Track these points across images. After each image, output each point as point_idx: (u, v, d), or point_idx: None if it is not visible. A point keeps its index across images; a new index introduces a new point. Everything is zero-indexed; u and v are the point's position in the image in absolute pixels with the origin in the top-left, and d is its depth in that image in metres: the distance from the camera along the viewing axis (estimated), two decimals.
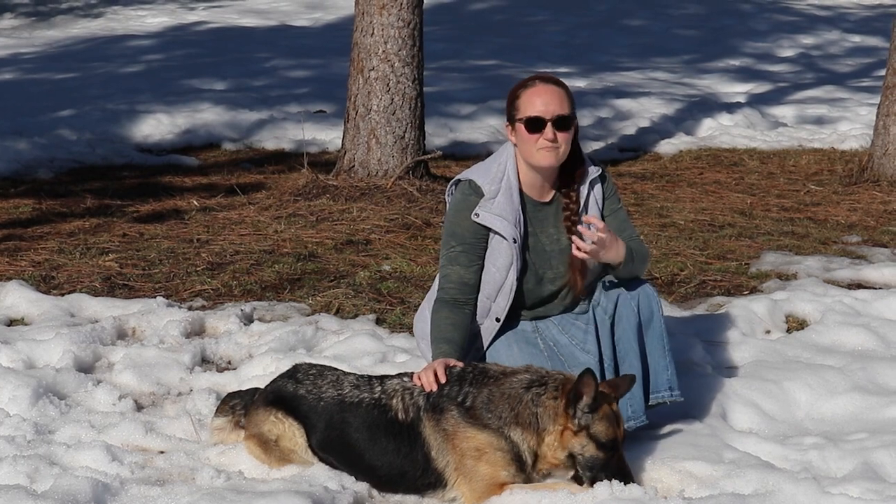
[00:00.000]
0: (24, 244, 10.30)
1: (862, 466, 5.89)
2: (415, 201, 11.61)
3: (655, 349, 6.24)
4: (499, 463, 5.64)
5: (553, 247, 6.28)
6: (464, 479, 5.66)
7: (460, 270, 6.20)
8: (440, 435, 5.71)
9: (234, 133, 16.20)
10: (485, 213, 6.14)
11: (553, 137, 6.09)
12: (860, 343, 7.86)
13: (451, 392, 5.77)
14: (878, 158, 13.30)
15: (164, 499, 5.49)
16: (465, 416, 5.70)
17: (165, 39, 25.44)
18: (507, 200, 6.17)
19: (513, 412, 5.69)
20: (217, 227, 10.95)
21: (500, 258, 6.17)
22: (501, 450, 5.65)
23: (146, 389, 7.16)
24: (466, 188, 6.24)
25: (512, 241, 6.14)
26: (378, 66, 12.06)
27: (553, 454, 5.67)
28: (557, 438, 5.66)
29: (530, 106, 6.12)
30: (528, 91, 6.17)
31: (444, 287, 6.22)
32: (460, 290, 6.20)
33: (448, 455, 5.69)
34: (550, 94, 6.13)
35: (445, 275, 6.22)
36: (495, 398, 5.73)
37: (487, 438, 5.66)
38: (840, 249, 10.48)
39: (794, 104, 19.01)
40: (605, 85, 20.27)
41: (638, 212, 11.70)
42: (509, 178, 6.21)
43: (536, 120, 6.10)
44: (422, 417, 5.76)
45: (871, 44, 25.93)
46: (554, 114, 6.09)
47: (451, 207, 6.28)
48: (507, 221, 6.14)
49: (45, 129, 15.35)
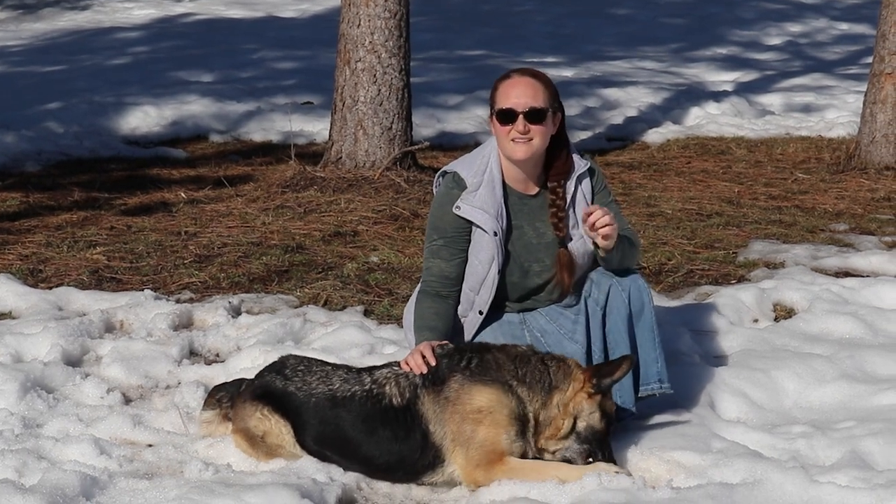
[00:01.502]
0: (11, 238, 10.28)
1: (850, 455, 5.90)
2: (402, 192, 11.61)
3: (646, 341, 6.24)
4: (501, 423, 5.65)
5: (539, 240, 6.27)
6: (460, 448, 5.67)
7: (441, 264, 6.21)
8: (439, 405, 5.73)
9: (221, 125, 16.18)
10: (466, 206, 6.14)
11: (524, 129, 6.07)
12: (848, 331, 7.86)
13: (452, 362, 5.82)
14: (866, 146, 13.31)
15: (153, 492, 5.48)
16: (469, 376, 5.74)
17: (152, 31, 25.37)
18: (489, 193, 6.16)
19: (521, 371, 5.75)
20: (205, 220, 10.94)
21: (483, 251, 6.17)
22: (507, 406, 5.68)
23: (134, 382, 7.16)
24: (450, 181, 6.24)
25: (493, 235, 6.13)
26: (365, 58, 12.05)
27: (560, 415, 5.70)
28: (570, 398, 5.71)
29: (504, 98, 6.12)
30: (505, 83, 6.17)
31: (426, 280, 6.25)
32: (442, 283, 6.22)
33: (446, 424, 5.70)
34: (524, 86, 6.12)
35: (428, 268, 6.24)
36: (501, 360, 5.81)
37: (493, 394, 5.69)
38: (827, 237, 10.49)
39: (782, 92, 19.01)
40: (592, 74, 20.26)
41: (626, 201, 11.70)
42: (492, 170, 6.20)
43: (508, 112, 6.09)
44: (419, 395, 5.78)
45: (859, 31, 25.94)
46: (526, 106, 6.08)
47: (435, 200, 6.29)
48: (489, 214, 6.13)
49: (32, 122, 15.32)
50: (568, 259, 6.21)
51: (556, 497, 5.46)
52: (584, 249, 6.27)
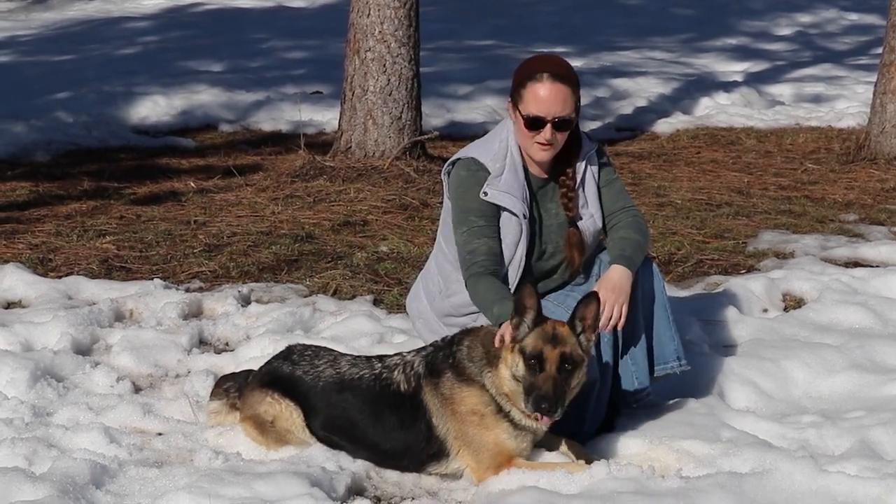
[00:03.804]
0: (21, 227, 10.29)
1: (859, 444, 5.90)
2: (412, 182, 11.60)
3: (661, 320, 6.22)
4: (496, 422, 5.64)
5: (552, 221, 6.26)
6: (467, 449, 5.69)
7: (489, 242, 6.09)
8: (439, 400, 5.73)
9: (230, 114, 16.18)
10: (493, 191, 6.10)
11: (551, 137, 6.07)
12: (857, 321, 7.86)
13: (444, 354, 5.81)
14: (876, 136, 13.29)
15: (163, 480, 5.49)
16: (455, 374, 5.74)
17: (162, 21, 25.39)
18: (514, 177, 6.14)
19: (486, 353, 5.73)
20: (214, 209, 10.95)
21: (509, 234, 6.13)
22: (488, 404, 5.67)
23: (144, 371, 7.17)
24: (472, 165, 6.16)
25: (522, 217, 6.12)
26: (374, 47, 12.04)
27: (507, 385, 5.63)
28: (504, 363, 5.65)
29: (533, 102, 6.05)
30: (536, 85, 6.07)
31: (475, 262, 6.05)
32: (492, 260, 6.07)
33: (448, 422, 5.71)
34: (556, 93, 6.05)
35: (472, 250, 6.07)
36: (473, 346, 5.78)
37: (476, 395, 5.68)
38: (837, 228, 10.48)
39: (792, 82, 18.98)
40: (601, 65, 20.23)
41: (635, 191, 11.69)
42: (513, 155, 6.18)
43: (536, 120, 6.05)
44: (422, 385, 5.78)
45: (869, 21, 25.88)
46: (555, 115, 6.04)
47: (459, 186, 6.18)
48: (516, 198, 6.11)
49: (41, 112, 15.33)
50: (578, 239, 6.21)
51: (565, 486, 5.46)
52: (593, 228, 6.27)
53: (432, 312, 6.46)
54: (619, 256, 6.10)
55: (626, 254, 6.10)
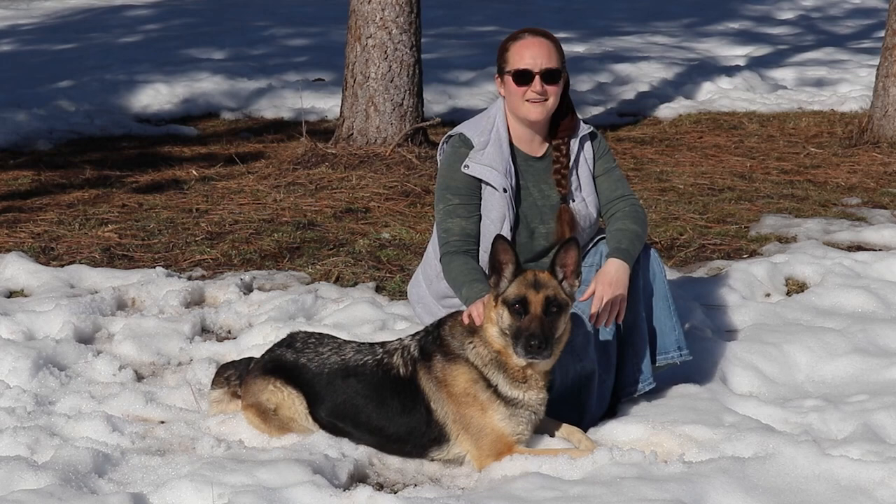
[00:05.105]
0: (23, 216, 10.29)
1: (862, 428, 5.90)
2: (414, 168, 11.60)
3: (661, 311, 6.23)
4: (490, 405, 5.64)
5: (545, 202, 6.27)
6: (466, 435, 5.69)
7: (462, 222, 6.15)
8: (434, 383, 5.74)
9: (232, 102, 16.18)
10: (474, 165, 6.13)
11: (541, 90, 6.11)
12: (860, 305, 7.85)
13: (433, 336, 5.83)
14: (878, 120, 13.27)
15: (165, 468, 5.50)
16: (442, 355, 5.75)
17: (163, 9, 25.37)
18: (497, 151, 6.17)
19: (467, 328, 5.73)
20: (216, 197, 10.95)
21: (494, 210, 6.15)
22: (476, 381, 5.67)
23: (146, 359, 7.17)
24: (457, 141, 6.25)
25: (503, 191, 6.12)
26: (376, 34, 12.03)
27: (497, 342, 5.63)
28: (490, 321, 5.66)
29: (519, 58, 6.15)
30: (518, 43, 6.19)
31: (448, 241, 6.14)
32: (464, 240, 6.14)
33: (445, 405, 5.72)
34: (539, 46, 6.15)
35: (446, 229, 6.15)
36: (455, 324, 5.80)
37: (464, 372, 5.68)
38: (840, 212, 10.47)
39: (794, 66, 18.96)
40: (603, 50, 20.22)
41: (637, 176, 11.68)
42: (498, 129, 6.22)
43: (524, 73, 6.12)
44: (418, 369, 5.79)
45: (871, 5, 25.86)
46: (542, 66, 6.12)
47: (443, 162, 6.27)
48: (497, 172, 6.13)
49: (43, 101, 15.34)
50: (570, 216, 6.22)
51: (568, 471, 5.46)
52: (585, 212, 6.29)
53: (431, 296, 6.47)
54: (616, 249, 6.09)
55: (623, 246, 6.09)
